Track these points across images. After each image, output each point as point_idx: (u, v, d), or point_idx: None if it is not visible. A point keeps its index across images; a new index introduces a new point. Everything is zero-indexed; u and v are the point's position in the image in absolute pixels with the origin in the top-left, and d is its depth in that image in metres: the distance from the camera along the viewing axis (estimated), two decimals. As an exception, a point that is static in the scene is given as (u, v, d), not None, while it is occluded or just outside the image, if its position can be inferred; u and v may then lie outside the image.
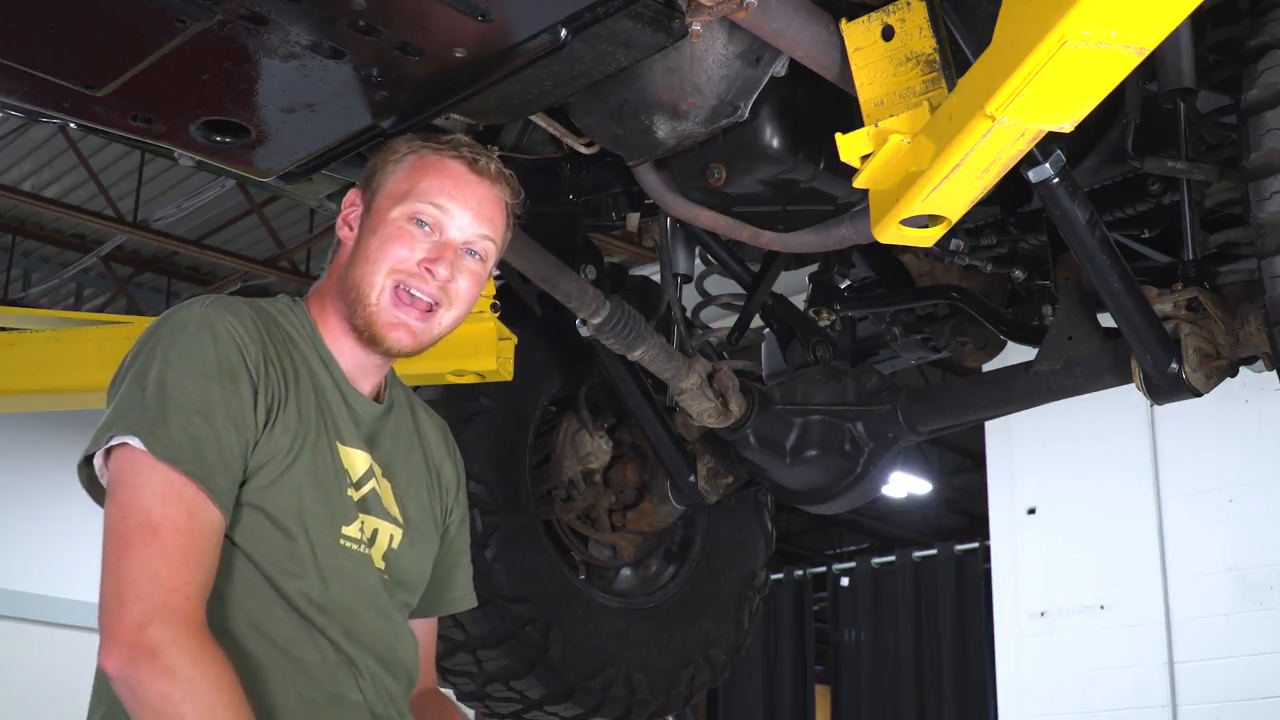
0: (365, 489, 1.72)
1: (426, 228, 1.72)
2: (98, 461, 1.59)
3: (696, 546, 3.54)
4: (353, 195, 1.80)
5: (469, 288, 1.75)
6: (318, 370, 1.72)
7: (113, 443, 1.55)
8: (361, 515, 1.70)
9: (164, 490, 1.52)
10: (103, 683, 1.60)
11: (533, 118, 2.46)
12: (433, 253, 1.71)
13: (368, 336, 1.72)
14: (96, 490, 1.61)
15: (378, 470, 1.75)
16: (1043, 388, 2.72)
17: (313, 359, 1.72)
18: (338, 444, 1.70)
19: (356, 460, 1.72)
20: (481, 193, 1.76)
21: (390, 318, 1.71)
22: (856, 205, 2.39)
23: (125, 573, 1.48)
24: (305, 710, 1.59)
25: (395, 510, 1.76)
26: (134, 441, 1.53)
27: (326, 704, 1.61)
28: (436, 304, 1.72)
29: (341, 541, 1.66)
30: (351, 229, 1.78)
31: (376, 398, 1.80)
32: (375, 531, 1.72)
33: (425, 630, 1.89)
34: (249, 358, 1.62)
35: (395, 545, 1.74)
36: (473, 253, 1.75)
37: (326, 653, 1.62)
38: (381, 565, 1.72)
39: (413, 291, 1.71)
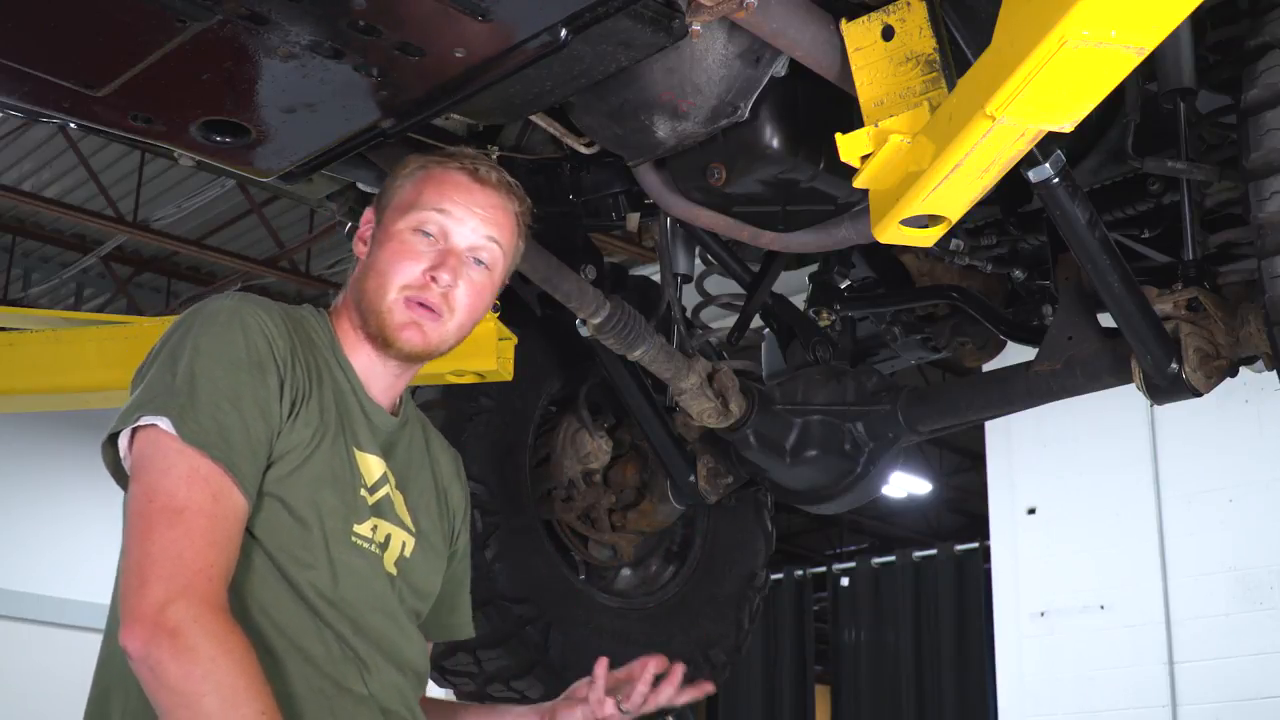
0: (379, 494, 1.74)
1: (431, 237, 1.76)
2: (122, 444, 1.59)
3: (696, 546, 3.54)
4: (368, 214, 1.85)
5: (470, 295, 1.78)
6: (338, 376, 1.75)
7: (141, 423, 1.55)
8: (374, 518, 1.71)
9: (190, 474, 1.53)
10: (105, 666, 1.61)
11: (533, 118, 2.46)
12: (436, 260, 1.75)
13: (380, 340, 1.76)
14: (120, 473, 1.62)
15: (392, 479, 1.77)
16: (1043, 388, 2.71)
17: (333, 365, 1.75)
18: (354, 448, 1.72)
19: (372, 465, 1.74)
20: (484, 200, 1.79)
21: (402, 318, 1.75)
22: (856, 205, 2.39)
23: (149, 554, 1.49)
24: (316, 699, 1.60)
25: (408, 519, 1.78)
26: (163, 423, 1.54)
27: (335, 693, 1.62)
28: (439, 311, 1.76)
29: (353, 538, 1.67)
30: (365, 244, 1.82)
31: (393, 413, 1.82)
32: (389, 536, 1.73)
33: None
34: (277, 350, 1.65)
35: (408, 553, 1.76)
36: (479, 261, 1.78)
37: (332, 647, 1.63)
38: (394, 571, 1.73)
39: (420, 301, 1.75)
